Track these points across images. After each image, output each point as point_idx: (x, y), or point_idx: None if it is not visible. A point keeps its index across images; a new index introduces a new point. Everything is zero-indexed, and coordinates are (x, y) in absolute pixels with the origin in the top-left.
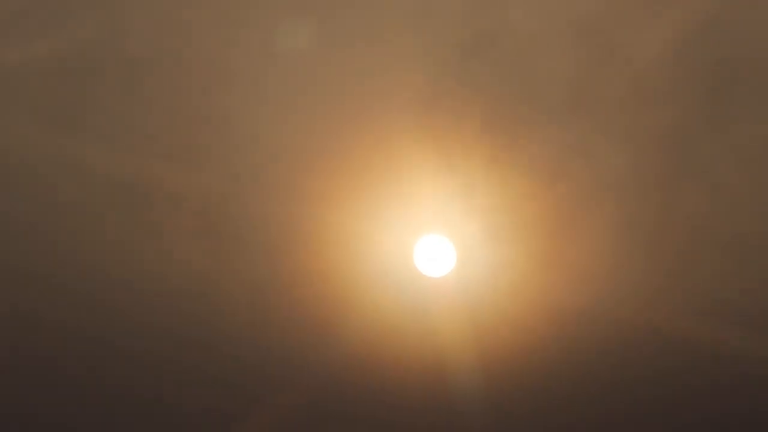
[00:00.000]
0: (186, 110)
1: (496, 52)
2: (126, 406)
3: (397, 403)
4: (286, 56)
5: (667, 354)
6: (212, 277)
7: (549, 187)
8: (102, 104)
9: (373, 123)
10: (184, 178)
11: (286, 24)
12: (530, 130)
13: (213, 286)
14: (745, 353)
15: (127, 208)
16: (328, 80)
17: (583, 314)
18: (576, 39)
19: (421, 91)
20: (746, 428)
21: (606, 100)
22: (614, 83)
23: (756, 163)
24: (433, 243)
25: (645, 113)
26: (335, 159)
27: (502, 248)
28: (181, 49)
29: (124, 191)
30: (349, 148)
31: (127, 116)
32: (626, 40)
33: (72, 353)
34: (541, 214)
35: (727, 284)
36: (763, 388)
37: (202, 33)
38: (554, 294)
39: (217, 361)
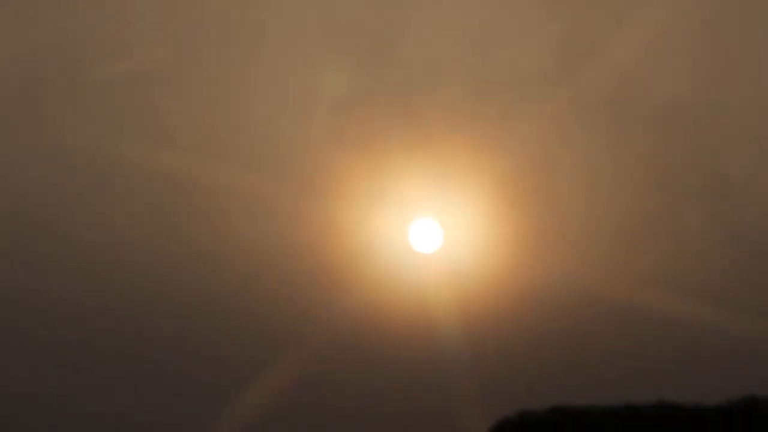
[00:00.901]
0: (226, 119)
1: (479, 51)
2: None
3: (393, 354)
4: (303, 74)
5: (623, 317)
6: (253, 249)
7: (526, 175)
8: (168, 110)
9: (371, 125)
10: (228, 171)
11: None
12: (510, 123)
13: (247, 257)
14: (693, 320)
15: (172, 197)
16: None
17: (553, 285)
18: (554, 34)
19: (411, 96)
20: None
21: (581, 89)
22: (589, 74)
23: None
24: (423, 225)
25: (623, 103)
26: (341, 157)
27: (483, 229)
28: (209, 67)
29: (171, 184)
30: (352, 148)
31: (188, 121)
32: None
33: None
34: (518, 200)
35: (678, 262)
36: (714, 355)
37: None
38: (528, 267)
39: (251, 313)
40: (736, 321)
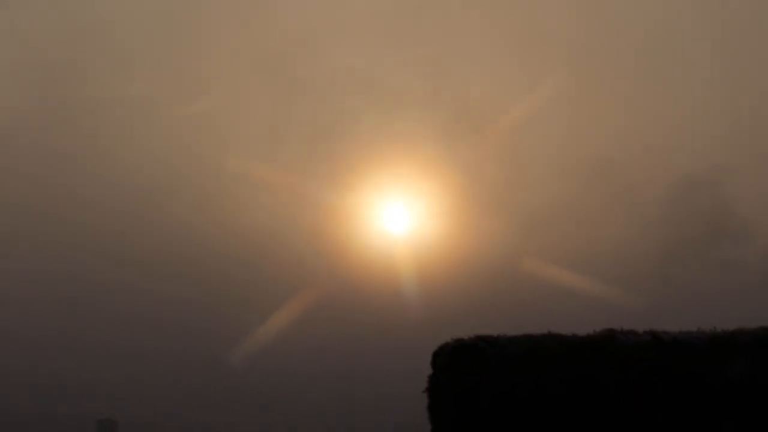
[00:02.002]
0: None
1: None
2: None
3: (370, 307)
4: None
5: (532, 284)
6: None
7: (478, 173)
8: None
9: (353, 130)
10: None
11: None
12: (480, 128)
13: (255, 234)
14: (592, 294)
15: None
16: (333, 105)
17: (491, 256)
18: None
19: (392, 100)
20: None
21: (509, 123)
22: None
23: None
24: (395, 208)
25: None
26: (330, 155)
27: (441, 215)
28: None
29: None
30: (339, 145)
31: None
32: None
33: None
34: (469, 192)
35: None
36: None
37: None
38: (473, 244)
39: (253, 276)
40: (623, 294)
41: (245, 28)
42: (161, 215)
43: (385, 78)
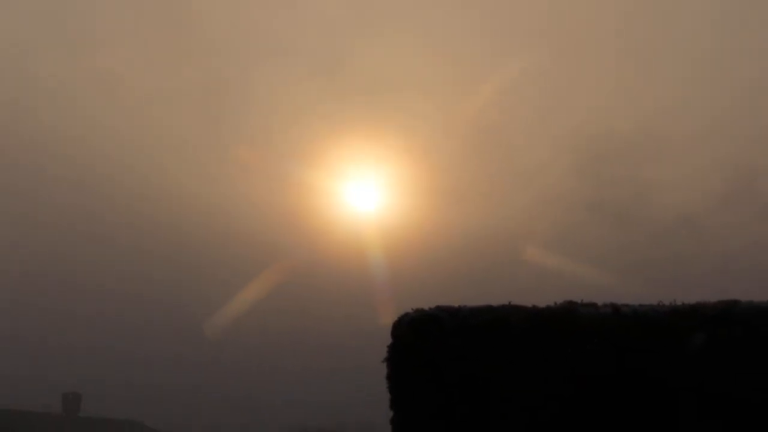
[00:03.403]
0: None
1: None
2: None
3: (338, 279)
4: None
5: (500, 260)
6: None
7: (445, 151)
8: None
9: (319, 110)
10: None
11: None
12: (417, 123)
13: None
14: (564, 270)
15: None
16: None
17: (454, 233)
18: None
19: (358, 79)
20: None
21: (473, 105)
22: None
23: None
24: (362, 185)
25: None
26: (310, 140)
27: (406, 192)
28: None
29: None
30: (314, 133)
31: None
32: None
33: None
34: (432, 171)
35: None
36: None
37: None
38: (437, 219)
39: (230, 248)
40: (598, 273)
41: (216, 6)
42: (128, 193)
43: (353, 57)
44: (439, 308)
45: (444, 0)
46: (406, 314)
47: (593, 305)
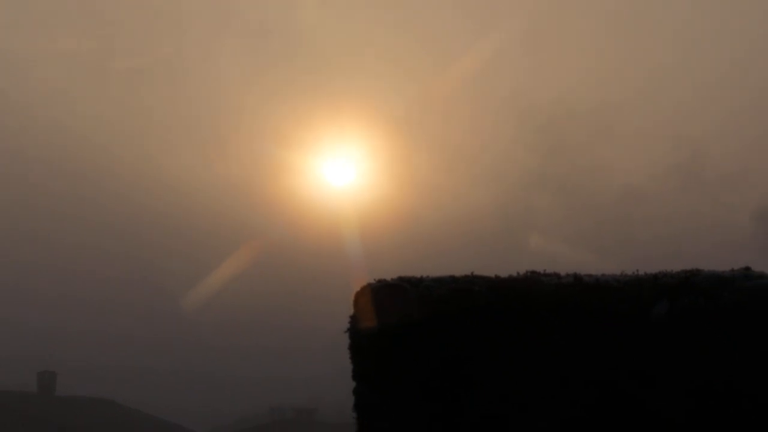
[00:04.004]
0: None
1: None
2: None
3: (315, 252)
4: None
5: (478, 238)
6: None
7: (422, 128)
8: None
9: (301, 98)
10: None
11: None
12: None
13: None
14: (544, 248)
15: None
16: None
17: (421, 213)
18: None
19: (335, 55)
20: None
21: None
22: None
23: None
24: (336, 163)
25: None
26: (284, 119)
27: (380, 169)
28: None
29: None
30: (288, 111)
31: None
32: None
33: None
34: (407, 147)
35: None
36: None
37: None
38: (412, 195)
39: (208, 225)
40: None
41: None
42: (101, 173)
43: (325, 32)
44: (401, 279)
45: None
46: (368, 284)
47: (556, 275)
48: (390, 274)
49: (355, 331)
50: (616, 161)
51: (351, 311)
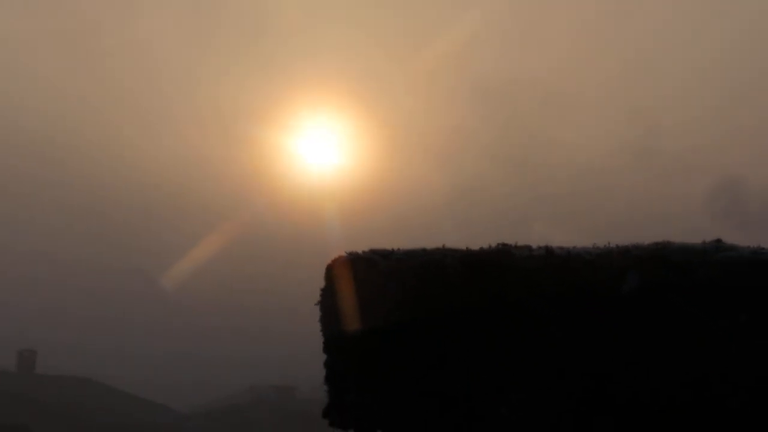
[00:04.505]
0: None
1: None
2: None
3: (292, 231)
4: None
5: (457, 217)
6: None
7: (401, 108)
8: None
9: (280, 76)
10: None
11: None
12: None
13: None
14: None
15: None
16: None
17: (397, 188)
18: None
19: (314, 36)
20: None
21: (426, 59)
22: (429, 50)
23: None
24: (315, 142)
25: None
26: (263, 97)
27: (360, 147)
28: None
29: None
30: (267, 89)
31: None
32: None
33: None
34: (387, 125)
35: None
36: None
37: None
38: (392, 174)
39: (197, 201)
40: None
41: None
42: (77, 153)
43: (304, 9)
44: (373, 251)
45: None
46: (339, 257)
47: (527, 247)
48: (365, 248)
49: (326, 303)
50: (573, 137)
51: (322, 284)
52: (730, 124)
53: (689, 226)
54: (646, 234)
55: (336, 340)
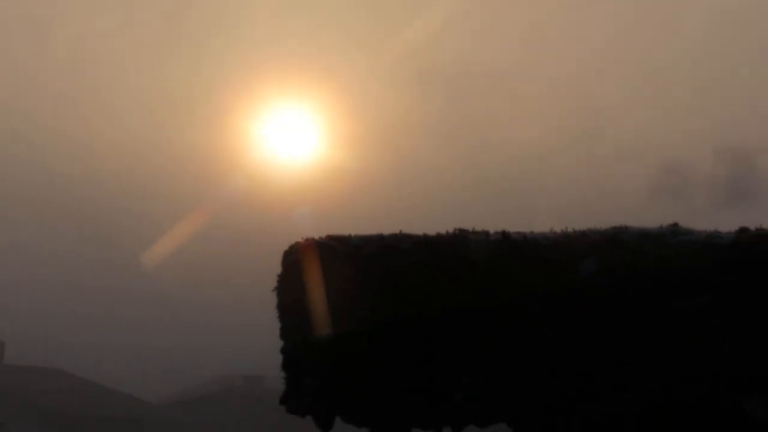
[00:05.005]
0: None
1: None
2: None
3: (263, 218)
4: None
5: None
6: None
7: (375, 98)
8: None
9: (248, 65)
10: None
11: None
12: (343, 71)
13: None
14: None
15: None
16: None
17: (365, 177)
18: None
19: (283, 30)
20: None
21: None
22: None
23: None
24: (284, 130)
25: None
26: (225, 77)
27: (329, 135)
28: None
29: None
30: (239, 79)
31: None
32: None
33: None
34: (356, 113)
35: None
36: None
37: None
38: (361, 163)
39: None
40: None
41: None
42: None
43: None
44: (330, 237)
45: None
46: (296, 243)
47: (485, 233)
48: (328, 227)
49: (283, 289)
50: (518, 125)
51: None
52: (671, 111)
53: (632, 210)
54: (593, 217)
55: (292, 326)
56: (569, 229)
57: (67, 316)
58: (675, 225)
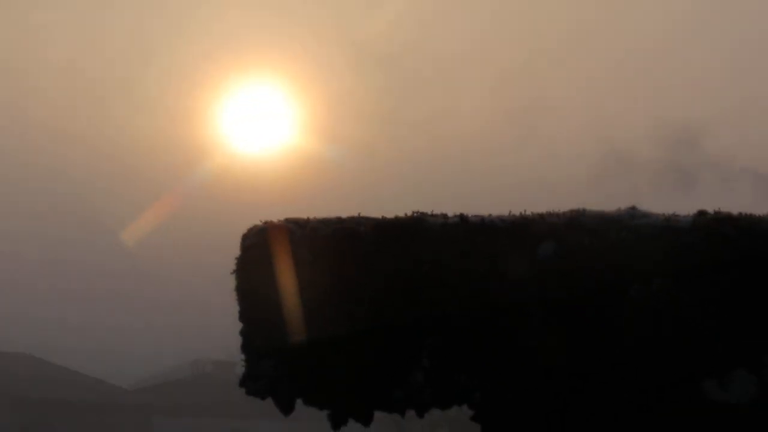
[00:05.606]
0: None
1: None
2: None
3: (231, 202)
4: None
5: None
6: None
7: (341, 86)
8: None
9: (213, 52)
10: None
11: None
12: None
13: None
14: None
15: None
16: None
17: (343, 167)
18: None
19: (251, 20)
20: None
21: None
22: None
23: None
24: (246, 119)
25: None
26: (189, 64)
27: (293, 126)
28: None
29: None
30: (216, 75)
31: None
32: None
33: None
34: (315, 105)
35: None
36: None
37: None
38: (325, 152)
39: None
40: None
41: None
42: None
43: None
44: (288, 220)
45: None
46: (254, 226)
47: (443, 216)
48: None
49: (241, 272)
50: (460, 107)
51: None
52: (616, 97)
53: (576, 193)
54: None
55: (251, 308)
56: (527, 212)
57: (36, 297)
58: (633, 208)
